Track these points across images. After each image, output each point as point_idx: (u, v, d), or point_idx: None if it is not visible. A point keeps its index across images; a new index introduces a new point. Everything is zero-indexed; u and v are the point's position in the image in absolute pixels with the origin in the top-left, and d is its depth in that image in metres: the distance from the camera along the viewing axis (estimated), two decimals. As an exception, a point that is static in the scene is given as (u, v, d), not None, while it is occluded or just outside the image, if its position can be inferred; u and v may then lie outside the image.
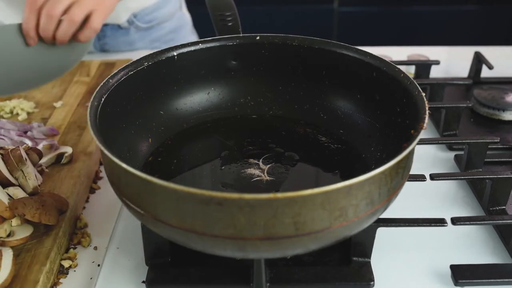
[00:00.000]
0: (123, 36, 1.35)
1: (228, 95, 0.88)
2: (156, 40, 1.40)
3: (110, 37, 1.34)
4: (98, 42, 1.35)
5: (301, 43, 0.82)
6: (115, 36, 1.34)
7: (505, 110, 0.99)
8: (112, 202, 0.83)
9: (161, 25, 1.40)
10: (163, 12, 1.38)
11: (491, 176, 0.76)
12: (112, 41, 1.35)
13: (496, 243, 0.74)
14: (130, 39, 1.36)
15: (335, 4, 2.58)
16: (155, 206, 0.55)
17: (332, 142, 0.81)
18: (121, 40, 1.36)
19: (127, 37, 1.36)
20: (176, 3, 1.44)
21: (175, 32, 1.44)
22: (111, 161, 0.56)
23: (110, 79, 0.71)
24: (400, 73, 0.71)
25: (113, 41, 1.35)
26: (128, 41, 1.36)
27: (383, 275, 0.69)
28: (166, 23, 1.41)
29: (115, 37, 1.34)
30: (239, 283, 0.66)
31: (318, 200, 0.52)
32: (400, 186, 0.61)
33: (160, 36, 1.40)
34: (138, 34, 1.36)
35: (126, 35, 1.35)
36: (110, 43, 1.35)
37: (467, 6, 2.57)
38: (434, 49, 1.32)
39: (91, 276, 0.70)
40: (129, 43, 1.37)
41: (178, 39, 1.44)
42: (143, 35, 1.37)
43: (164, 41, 1.41)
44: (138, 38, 1.37)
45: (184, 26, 1.47)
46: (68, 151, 0.87)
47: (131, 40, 1.37)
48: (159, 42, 1.40)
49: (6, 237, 0.70)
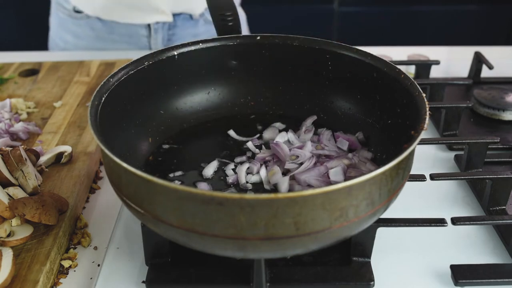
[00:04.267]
0: (191, 28, 1.37)
1: (228, 95, 0.88)
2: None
3: (180, 27, 1.36)
4: (167, 32, 1.36)
5: (302, 43, 0.82)
6: (185, 26, 1.36)
7: (505, 110, 0.99)
8: (112, 202, 0.83)
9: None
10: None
11: (491, 176, 0.76)
12: (181, 31, 1.37)
13: (496, 243, 0.74)
14: (197, 31, 1.38)
15: (335, 4, 2.58)
16: (156, 206, 0.55)
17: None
18: (189, 32, 1.37)
19: (195, 29, 1.38)
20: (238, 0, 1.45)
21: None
22: (112, 160, 0.56)
23: (110, 79, 0.71)
24: (401, 74, 0.71)
25: (182, 31, 1.37)
26: (194, 33, 1.38)
27: (383, 275, 0.69)
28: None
29: (184, 28, 1.36)
30: (239, 283, 0.66)
31: (318, 200, 0.52)
32: (400, 187, 0.61)
33: None
34: (205, 27, 1.38)
35: (194, 26, 1.37)
36: (178, 33, 1.37)
37: (467, 6, 2.57)
38: (434, 49, 1.33)
39: (91, 276, 0.70)
40: (194, 35, 1.38)
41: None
42: (209, 28, 1.39)
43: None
44: (204, 31, 1.39)
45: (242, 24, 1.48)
46: (67, 150, 0.87)
47: (198, 33, 1.38)
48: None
49: (6, 237, 0.70)
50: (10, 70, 1.19)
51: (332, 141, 0.80)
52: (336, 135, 0.80)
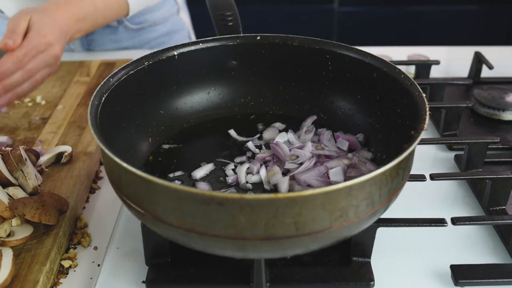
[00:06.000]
0: (110, 35, 1.33)
1: (228, 95, 0.88)
2: (146, 42, 1.38)
3: (97, 34, 1.32)
4: (85, 39, 1.33)
5: (302, 43, 0.82)
6: (103, 33, 1.32)
7: (505, 110, 0.99)
8: (112, 202, 0.83)
9: (153, 28, 1.37)
10: (156, 15, 1.36)
11: (491, 176, 0.76)
12: (99, 38, 1.33)
13: (496, 243, 0.74)
14: (117, 38, 1.34)
15: (335, 4, 2.58)
16: (156, 206, 0.55)
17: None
18: (108, 38, 1.34)
19: (114, 36, 1.34)
20: (173, 7, 1.42)
21: (168, 35, 1.42)
22: (112, 160, 0.56)
23: (110, 78, 0.71)
24: (401, 74, 0.71)
25: (100, 38, 1.33)
26: (115, 39, 1.34)
27: (383, 275, 0.69)
28: (159, 26, 1.38)
29: (102, 35, 1.33)
30: (239, 283, 0.66)
31: (318, 200, 0.52)
32: (400, 187, 0.61)
33: (151, 39, 1.38)
34: (126, 33, 1.34)
35: (114, 33, 1.33)
36: (97, 40, 1.33)
37: (467, 6, 2.57)
38: (434, 49, 1.32)
39: (91, 276, 0.70)
40: (115, 41, 1.35)
41: (169, 43, 1.40)
42: (132, 35, 1.35)
43: (154, 44, 1.39)
44: (126, 37, 1.35)
45: (179, 31, 1.45)
46: (68, 150, 0.87)
47: (118, 39, 1.34)
48: (149, 44, 1.38)
49: (6, 237, 0.70)
50: (10, 70, 1.19)
51: (332, 141, 0.80)
52: (336, 135, 0.80)
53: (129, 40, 1.35)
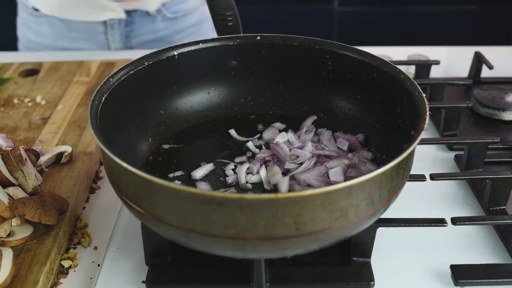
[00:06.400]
0: (149, 24, 1.37)
1: (228, 95, 0.88)
2: (180, 31, 1.42)
3: (137, 23, 1.36)
4: (124, 29, 1.36)
5: (302, 43, 0.82)
6: (142, 23, 1.36)
7: (505, 110, 0.99)
8: (112, 202, 0.83)
9: (185, 18, 1.42)
10: (188, 4, 1.41)
11: (491, 176, 0.76)
12: (139, 28, 1.37)
13: (496, 243, 0.74)
14: (156, 28, 1.38)
15: (335, 4, 2.58)
16: (156, 206, 0.55)
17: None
18: (147, 28, 1.37)
19: (153, 25, 1.38)
20: None
21: (197, 25, 1.46)
22: (112, 160, 0.56)
23: (110, 78, 0.71)
24: (401, 74, 0.71)
25: (139, 28, 1.37)
26: (153, 29, 1.38)
27: (383, 275, 0.69)
28: (190, 16, 1.43)
29: (142, 24, 1.36)
30: (239, 283, 0.66)
31: (318, 200, 0.52)
32: (400, 187, 0.61)
33: (184, 28, 1.43)
34: (164, 23, 1.38)
35: (152, 23, 1.37)
36: (136, 30, 1.37)
37: (467, 6, 2.57)
38: (434, 49, 1.33)
39: (91, 276, 0.70)
40: (153, 32, 1.38)
41: (200, 33, 1.46)
42: (168, 25, 1.39)
43: (187, 33, 1.43)
44: (163, 27, 1.39)
45: (205, 21, 1.49)
46: (68, 150, 0.87)
47: (156, 29, 1.38)
48: (182, 34, 1.42)
49: (6, 237, 0.70)
50: (10, 70, 1.19)
51: (332, 141, 0.80)
52: (336, 135, 0.80)
53: (164, 30, 1.39)
